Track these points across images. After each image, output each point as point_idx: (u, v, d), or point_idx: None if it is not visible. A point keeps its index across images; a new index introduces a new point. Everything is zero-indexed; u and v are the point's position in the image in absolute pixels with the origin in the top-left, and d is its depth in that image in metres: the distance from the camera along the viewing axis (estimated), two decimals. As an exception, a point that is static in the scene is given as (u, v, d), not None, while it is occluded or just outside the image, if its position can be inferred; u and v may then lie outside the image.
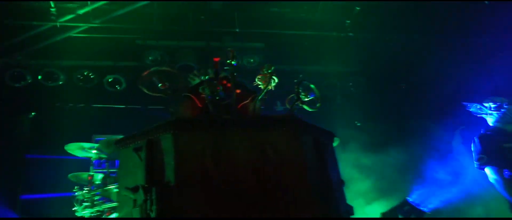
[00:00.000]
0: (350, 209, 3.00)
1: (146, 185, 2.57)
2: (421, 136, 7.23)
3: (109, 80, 7.62)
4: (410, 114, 7.90)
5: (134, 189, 2.65)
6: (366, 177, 6.91)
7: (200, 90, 2.98)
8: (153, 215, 2.47)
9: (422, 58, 7.86)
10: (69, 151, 6.10)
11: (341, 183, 3.08)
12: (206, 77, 3.01)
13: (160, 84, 3.01)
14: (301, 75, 7.89)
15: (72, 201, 5.87)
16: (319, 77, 8.14)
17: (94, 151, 6.09)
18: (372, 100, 8.19)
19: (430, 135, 7.07)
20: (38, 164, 7.26)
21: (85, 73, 7.60)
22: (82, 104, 8.11)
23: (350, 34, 7.85)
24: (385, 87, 8.40)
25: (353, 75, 8.42)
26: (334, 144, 6.32)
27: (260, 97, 3.06)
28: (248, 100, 3.42)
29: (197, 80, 3.47)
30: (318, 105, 3.27)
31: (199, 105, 3.20)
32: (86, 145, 6.06)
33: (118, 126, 6.99)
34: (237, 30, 7.55)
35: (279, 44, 8.01)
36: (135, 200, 2.66)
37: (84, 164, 6.69)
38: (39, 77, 7.38)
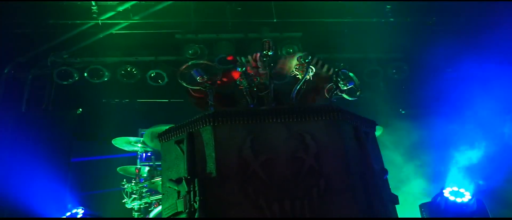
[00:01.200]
0: (394, 198, 2.96)
1: (188, 177, 2.63)
2: (469, 122, 6.98)
3: (152, 75, 7.79)
4: (457, 101, 7.62)
5: (178, 181, 2.72)
6: (410, 166, 6.77)
7: (237, 83, 3.01)
8: (196, 206, 2.53)
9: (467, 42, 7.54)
10: (116, 145, 6.34)
11: (384, 171, 3.03)
12: (243, 68, 3.02)
13: (198, 78, 3.05)
14: (342, 64, 7.78)
15: (121, 193, 6.13)
16: (361, 64, 8.00)
17: (140, 145, 6.31)
18: (416, 87, 7.98)
19: (478, 121, 6.81)
20: (83, 164, 7.52)
21: (128, 69, 7.81)
22: (127, 100, 8.35)
23: (391, 19, 7.66)
24: (429, 73, 8.13)
25: (395, 61, 8.22)
26: (377, 133, 6.22)
27: (297, 87, 3.06)
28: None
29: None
30: (358, 93, 3.23)
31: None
32: (132, 139, 6.28)
33: (163, 120, 7.14)
34: (275, 20, 7.52)
35: (317, 33, 7.93)
36: (179, 192, 2.73)
37: (132, 158, 6.89)
38: (85, 74, 7.64)
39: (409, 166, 6.82)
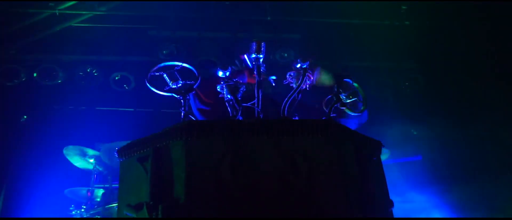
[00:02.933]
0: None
1: (151, 202, 2.59)
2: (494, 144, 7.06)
3: (116, 78, 7.76)
4: (478, 117, 7.67)
5: (137, 207, 2.68)
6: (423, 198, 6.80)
7: (219, 90, 2.99)
8: (159, 238, 2.49)
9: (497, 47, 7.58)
10: (68, 156, 6.26)
11: (389, 203, 3.02)
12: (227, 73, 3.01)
13: (171, 82, 3.03)
14: (346, 74, 7.80)
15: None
16: (368, 74, 8.04)
17: (92, 160, 6.24)
18: (432, 102, 8.03)
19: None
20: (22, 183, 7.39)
21: (88, 69, 7.76)
22: (84, 107, 8.28)
23: (406, 22, 7.72)
24: (447, 86, 8.18)
25: (409, 71, 8.28)
26: (383, 157, 6.24)
27: (290, 97, 3.04)
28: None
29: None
30: (362, 108, 3.23)
31: (206, 100, 3.21)
32: (89, 150, 6.21)
33: (127, 133, 7.09)
34: (269, 18, 7.55)
35: (318, 36, 7.97)
36: (138, 220, 2.68)
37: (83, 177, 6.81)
38: (35, 74, 7.56)
39: (422, 198, 6.84)
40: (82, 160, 6.33)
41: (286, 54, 7.92)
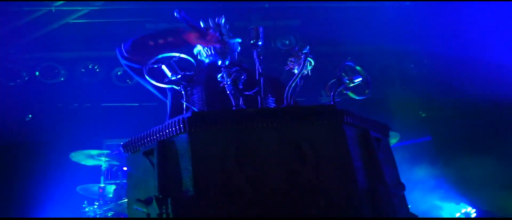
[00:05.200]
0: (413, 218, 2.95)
1: (160, 196, 2.59)
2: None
3: (119, 73, 7.76)
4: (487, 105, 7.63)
5: (147, 201, 2.68)
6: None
7: (219, 79, 2.98)
8: (170, 231, 2.50)
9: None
10: (75, 160, 6.30)
11: (400, 186, 3.02)
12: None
13: (170, 74, 3.02)
14: (349, 57, 7.79)
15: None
16: (372, 58, 8.01)
17: (104, 158, 6.28)
18: (440, 85, 8.01)
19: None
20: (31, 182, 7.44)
21: (90, 66, 7.77)
22: (88, 104, 8.30)
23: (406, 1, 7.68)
24: (457, 68, 8.15)
25: (414, 54, 8.24)
26: (393, 140, 6.22)
27: (292, 84, 3.03)
28: None
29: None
30: (367, 91, 3.22)
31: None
32: (95, 152, 6.25)
33: (134, 128, 7.10)
34: (267, 5, 7.53)
35: (319, 20, 7.94)
36: (148, 214, 2.68)
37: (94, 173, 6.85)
38: (37, 73, 7.58)
39: (430, 180, 6.85)
40: (90, 160, 6.36)
41: (287, 41, 7.89)
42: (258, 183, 2.55)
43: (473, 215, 6.70)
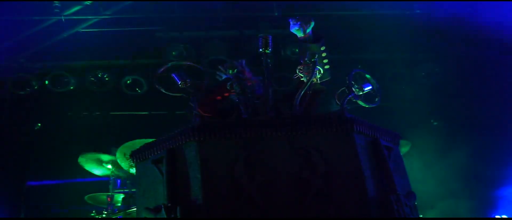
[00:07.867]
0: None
1: (168, 204, 2.61)
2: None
3: (128, 82, 7.78)
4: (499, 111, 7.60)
5: (156, 210, 2.70)
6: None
7: (228, 88, 3.00)
8: (179, 239, 2.51)
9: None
10: (83, 165, 6.30)
11: (411, 195, 3.00)
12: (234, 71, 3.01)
13: (180, 82, 3.04)
14: (359, 66, 7.78)
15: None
16: (383, 66, 7.99)
17: (110, 166, 6.28)
18: (451, 93, 7.97)
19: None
20: (42, 190, 7.48)
21: (99, 74, 7.79)
22: (98, 112, 8.32)
23: (417, 11, 7.66)
24: (466, 76, 8.10)
25: (425, 62, 8.21)
26: (404, 149, 6.17)
27: (302, 92, 3.04)
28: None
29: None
30: (377, 99, 3.22)
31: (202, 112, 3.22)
32: (104, 156, 6.25)
33: (141, 136, 7.10)
34: (276, 14, 7.54)
35: (329, 29, 7.92)
36: (158, 222, 2.70)
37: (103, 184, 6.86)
38: (47, 82, 7.62)
39: (441, 188, 6.82)
40: (99, 167, 6.36)
41: (297, 50, 7.89)
42: (267, 191, 2.56)
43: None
